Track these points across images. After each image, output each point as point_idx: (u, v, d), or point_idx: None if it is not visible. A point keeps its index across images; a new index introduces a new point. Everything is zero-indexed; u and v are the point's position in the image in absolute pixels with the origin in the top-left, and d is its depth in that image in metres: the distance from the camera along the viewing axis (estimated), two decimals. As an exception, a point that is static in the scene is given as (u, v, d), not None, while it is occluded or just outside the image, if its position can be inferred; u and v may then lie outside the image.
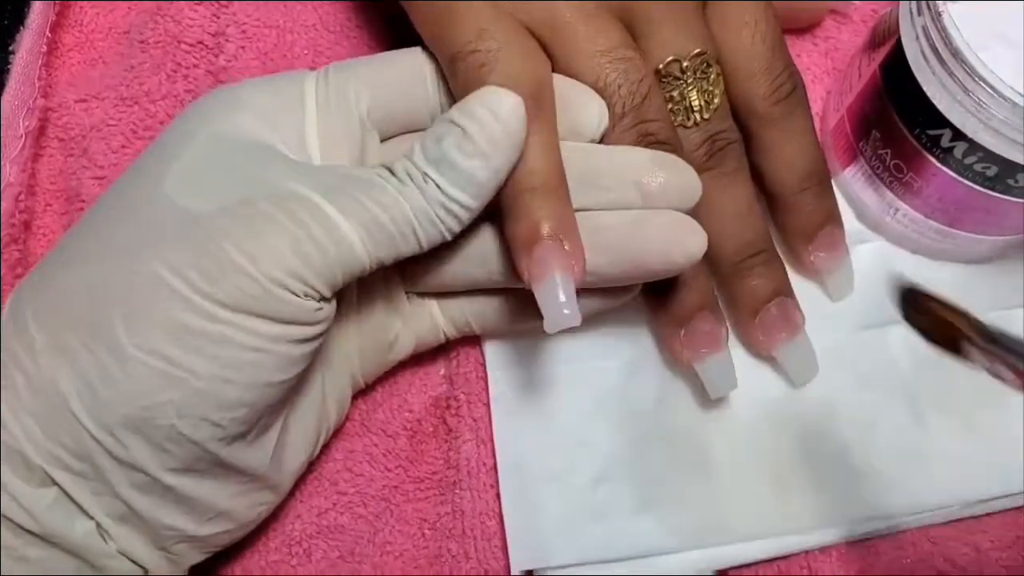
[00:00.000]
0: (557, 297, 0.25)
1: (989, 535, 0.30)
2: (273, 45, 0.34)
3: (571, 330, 0.31)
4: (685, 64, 0.28)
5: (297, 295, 0.24)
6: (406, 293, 0.30)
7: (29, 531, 0.24)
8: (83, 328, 0.24)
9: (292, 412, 0.28)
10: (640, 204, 0.27)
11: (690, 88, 0.29)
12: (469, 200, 0.25)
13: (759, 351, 0.31)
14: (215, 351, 0.23)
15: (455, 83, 0.27)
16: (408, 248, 0.25)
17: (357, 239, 0.24)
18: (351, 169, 0.26)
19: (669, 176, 0.27)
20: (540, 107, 0.26)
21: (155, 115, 0.33)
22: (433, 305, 0.31)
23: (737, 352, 0.31)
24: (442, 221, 0.25)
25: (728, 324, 0.31)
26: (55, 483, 0.24)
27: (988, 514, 0.30)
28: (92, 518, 0.25)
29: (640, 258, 0.27)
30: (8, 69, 0.32)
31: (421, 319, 0.31)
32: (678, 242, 0.27)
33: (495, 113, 0.25)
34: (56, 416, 0.23)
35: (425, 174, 0.25)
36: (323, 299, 0.25)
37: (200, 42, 0.34)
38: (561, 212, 0.26)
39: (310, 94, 0.28)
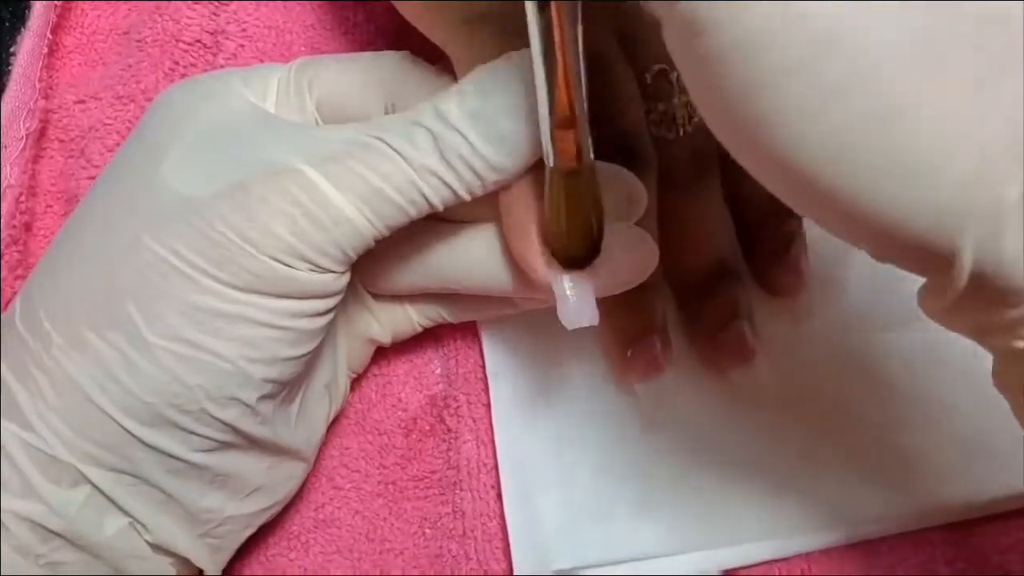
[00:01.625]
0: (574, 295, 0.25)
1: (991, 537, 0.30)
2: (272, 45, 0.34)
3: (569, 332, 0.32)
4: (673, 75, 0.28)
5: (302, 271, 0.24)
6: (370, 294, 0.30)
7: (58, 534, 0.24)
8: (99, 322, 0.24)
9: (309, 382, 0.28)
10: None
11: (677, 99, 0.28)
12: (502, 160, 0.24)
13: (718, 369, 0.31)
14: (235, 332, 0.24)
15: (478, 40, 0.25)
16: (418, 212, 0.25)
17: (355, 211, 0.24)
18: (353, 131, 0.25)
19: (617, 190, 0.26)
20: None
21: (151, 113, 0.33)
22: (404, 302, 0.31)
23: None
24: (461, 179, 0.24)
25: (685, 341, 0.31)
26: (88, 480, 0.24)
27: (990, 516, 0.30)
28: (127, 514, 0.25)
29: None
30: (9, 71, 0.32)
31: (393, 314, 0.31)
32: (632, 261, 0.26)
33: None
34: (83, 412, 0.24)
35: (452, 125, 0.23)
36: (333, 272, 0.25)
37: (198, 41, 0.34)
38: None
39: (272, 88, 0.28)
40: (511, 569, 0.29)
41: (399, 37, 0.29)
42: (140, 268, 0.24)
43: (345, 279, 0.25)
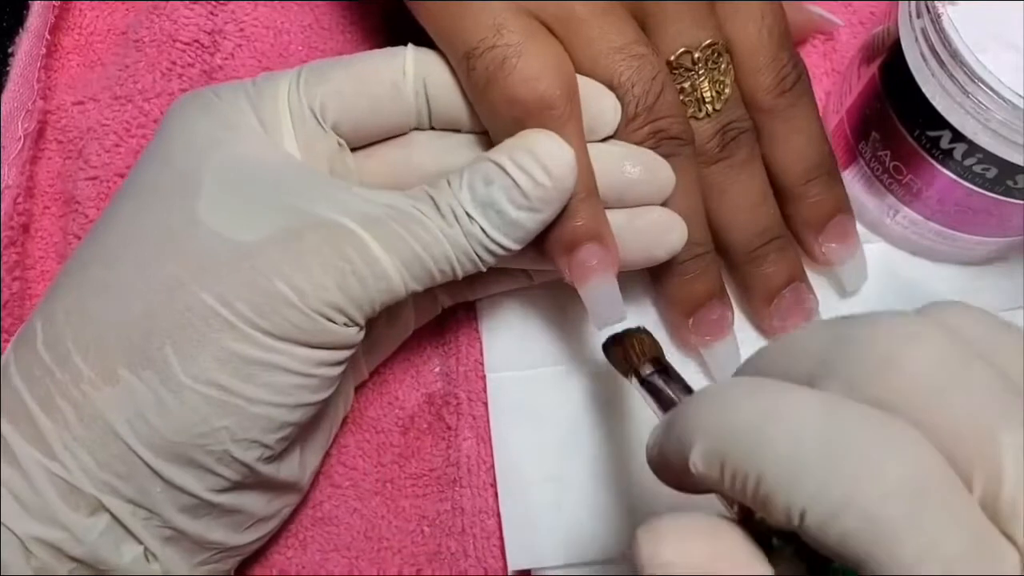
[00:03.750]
0: (603, 298, 0.26)
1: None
2: (269, 44, 0.34)
3: (568, 331, 0.32)
4: (697, 55, 0.28)
5: (338, 324, 0.25)
6: None
7: (77, 559, 0.24)
8: (133, 359, 0.24)
9: (314, 421, 0.28)
10: (615, 198, 0.27)
11: (702, 79, 0.28)
12: (512, 244, 0.26)
13: (774, 336, 0.31)
14: (266, 378, 0.24)
15: (471, 81, 0.27)
16: (443, 279, 0.26)
17: (397, 274, 0.25)
18: (393, 197, 0.26)
19: (643, 172, 0.27)
20: (571, 105, 0.26)
21: (149, 113, 0.33)
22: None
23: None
24: (480, 258, 0.26)
25: (740, 308, 0.32)
26: (107, 510, 0.24)
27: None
28: (141, 542, 0.25)
29: (624, 255, 0.27)
30: (7, 71, 0.32)
31: (421, 301, 0.31)
32: (658, 240, 0.28)
33: (548, 170, 0.25)
34: (108, 446, 0.24)
35: (470, 216, 0.25)
36: (360, 325, 0.25)
37: (195, 41, 0.34)
38: (597, 212, 0.26)
39: (283, 103, 0.27)
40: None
41: (396, 36, 0.29)
42: (181, 311, 0.24)
43: (363, 332, 0.26)
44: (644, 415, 0.31)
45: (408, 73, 0.27)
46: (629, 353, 0.26)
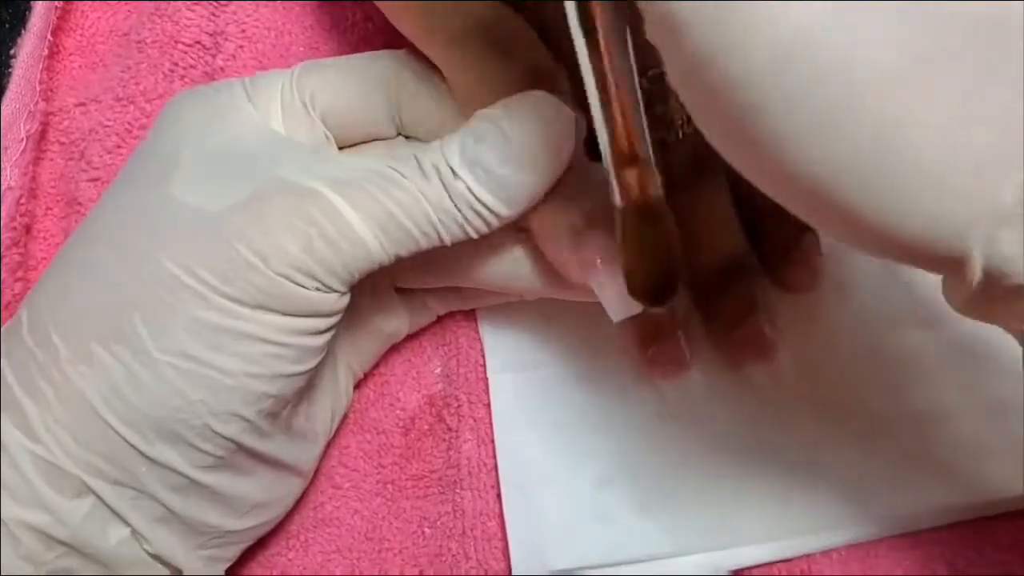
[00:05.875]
0: (618, 287, 0.25)
1: (990, 538, 0.30)
2: (271, 45, 0.34)
3: (570, 332, 0.32)
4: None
5: (309, 290, 0.24)
6: (395, 287, 0.31)
7: (63, 543, 0.24)
8: (106, 335, 0.24)
9: (310, 399, 0.28)
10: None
11: (675, 101, 0.28)
12: (500, 207, 0.25)
13: (735, 364, 0.31)
14: (238, 347, 0.24)
15: (487, 42, 0.26)
16: (429, 244, 0.25)
17: (371, 237, 0.24)
18: (373, 161, 0.25)
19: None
20: (564, 83, 0.26)
21: (151, 114, 0.33)
22: (424, 292, 0.31)
23: None
24: (468, 222, 0.25)
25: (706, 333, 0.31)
26: (91, 491, 0.24)
27: (989, 517, 0.30)
28: (129, 524, 0.25)
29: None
30: (9, 73, 0.32)
31: (412, 306, 0.31)
32: None
33: (546, 123, 0.24)
34: (88, 425, 0.24)
35: (455, 172, 0.24)
36: (337, 292, 0.25)
37: (197, 42, 0.34)
38: (594, 204, 0.26)
39: (275, 99, 0.28)
40: (511, 568, 0.29)
41: (396, 36, 0.29)
42: (149, 282, 0.24)
43: (346, 299, 0.25)
44: (650, 413, 0.31)
45: (393, 73, 0.28)
46: None
